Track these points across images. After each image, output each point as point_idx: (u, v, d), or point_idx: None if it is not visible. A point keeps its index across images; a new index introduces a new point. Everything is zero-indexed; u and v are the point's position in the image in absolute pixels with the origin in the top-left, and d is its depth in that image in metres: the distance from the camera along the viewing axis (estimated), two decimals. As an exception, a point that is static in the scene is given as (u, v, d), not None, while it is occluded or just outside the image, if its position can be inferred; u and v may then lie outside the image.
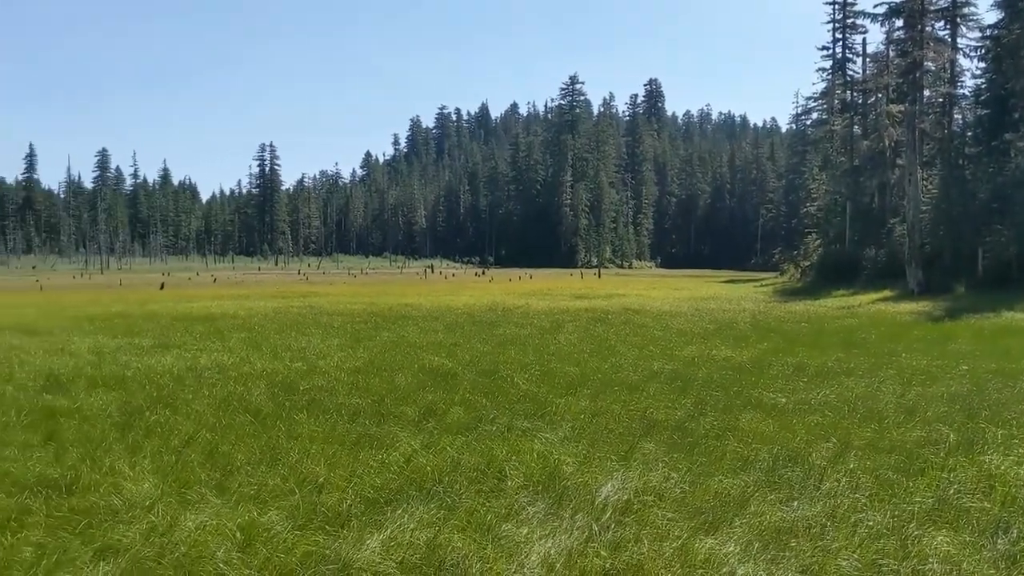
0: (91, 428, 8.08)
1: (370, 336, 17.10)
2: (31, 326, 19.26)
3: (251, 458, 6.96)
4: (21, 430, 7.97)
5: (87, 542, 5.03)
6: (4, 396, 9.72)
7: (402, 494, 6.03)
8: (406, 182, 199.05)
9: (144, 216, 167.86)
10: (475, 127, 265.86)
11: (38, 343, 15.61)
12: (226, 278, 74.85)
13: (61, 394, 9.96)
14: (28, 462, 6.69)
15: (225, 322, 20.53)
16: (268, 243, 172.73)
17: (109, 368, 12.16)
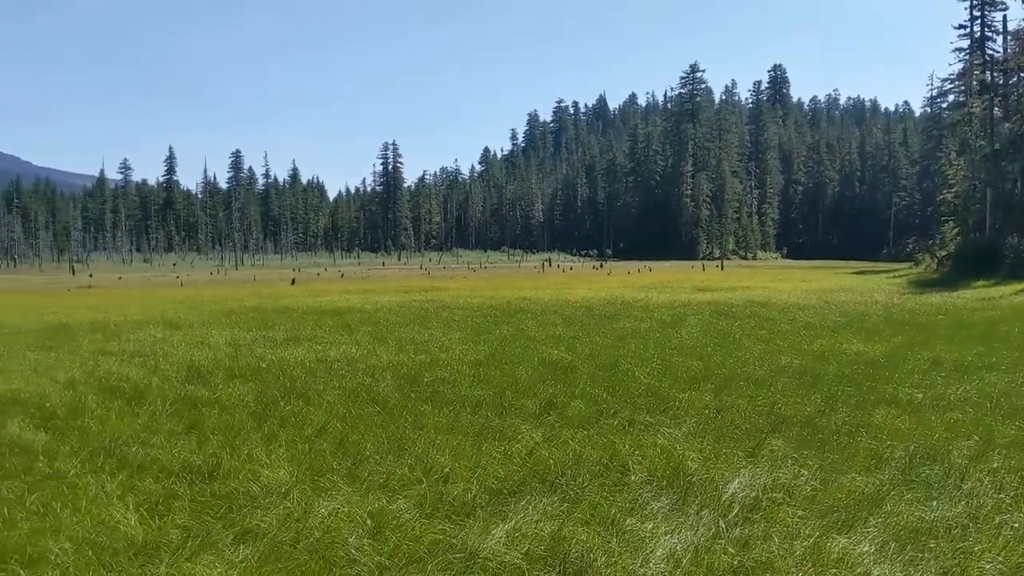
0: (230, 417, 8.48)
1: (490, 329, 17.29)
2: (173, 320, 20.36)
3: (379, 448, 7.15)
4: (167, 419, 8.44)
5: (228, 526, 5.29)
6: (151, 387, 10.30)
7: (525, 486, 6.08)
8: (524, 176, 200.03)
9: (275, 214, 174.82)
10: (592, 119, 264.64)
11: (180, 336, 16.48)
12: (352, 273, 77.17)
13: (202, 385, 10.48)
14: (174, 449, 7.08)
15: (352, 316, 21.17)
16: (391, 239, 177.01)
17: (245, 360, 12.72)
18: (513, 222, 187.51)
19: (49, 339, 16.17)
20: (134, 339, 15.93)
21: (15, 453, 7.04)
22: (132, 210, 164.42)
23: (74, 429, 7.98)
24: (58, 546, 4.86)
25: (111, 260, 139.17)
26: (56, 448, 7.19)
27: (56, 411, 8.81)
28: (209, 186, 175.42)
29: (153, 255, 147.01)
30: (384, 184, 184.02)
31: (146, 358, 13.15)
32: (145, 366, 12.21)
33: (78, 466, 6.61)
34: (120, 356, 13.47)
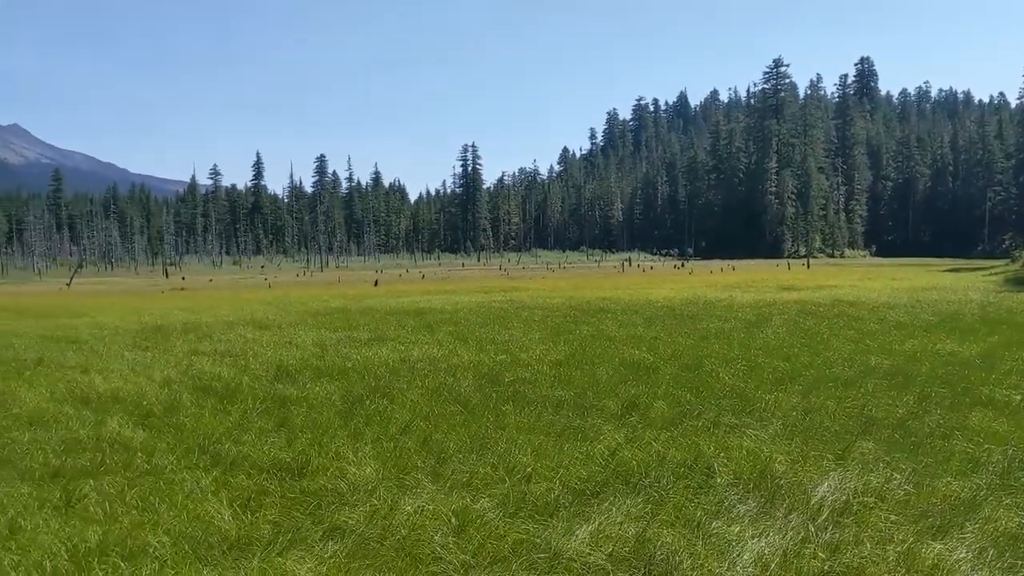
0: (317, 415, 8.67)
1: (570, 329, 17.26)
2: (262, 321, 20.93)
3: (462, 446, 7.22)
4: (257, 417, 8.68)
5: (317, 522, 5.41)
6: (242, 386, 10.60)
7: (608, 487, 6.05)
8: (603, 176, 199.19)
9: (358, 217, 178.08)
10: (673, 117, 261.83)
11: (269, 336, 16.93)
12: (433, 274, 78.05)
13: (290, 384, 10.75)
14: (264, 446, 7.28)
15: (433, 316, 21.41)
16: (471, 240, 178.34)
17: (331, 360, 12.99)
18: (592, 222, 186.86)
19: (145, 339, 16.80)
20: (225, 339, 16.42)
21: (116, 449, 7.34)
22: (222, 214, 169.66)
23: (170, 426, 8.27)
24: (156, 540, 5.05)
25: (202, 263, 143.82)
26: (154, 445, 7.47)
27: (153, 409, 9.15)
28: (295, 190, 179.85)
29: (242, 257, 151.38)
30: (464, 186, 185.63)
31: (237, 358, 13.55)
32: (236, 366, 12.58)
33: (174, 462, 6.85)
34: (212, 356, 13.90)
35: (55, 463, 6.87)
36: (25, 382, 11.15)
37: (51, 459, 7.02)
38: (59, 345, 15.94)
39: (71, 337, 17.40)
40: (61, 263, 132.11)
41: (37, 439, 7.77)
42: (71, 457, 7.07)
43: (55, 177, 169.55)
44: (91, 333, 18.16)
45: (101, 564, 4.69)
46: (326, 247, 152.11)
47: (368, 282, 56.32)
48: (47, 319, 23.41)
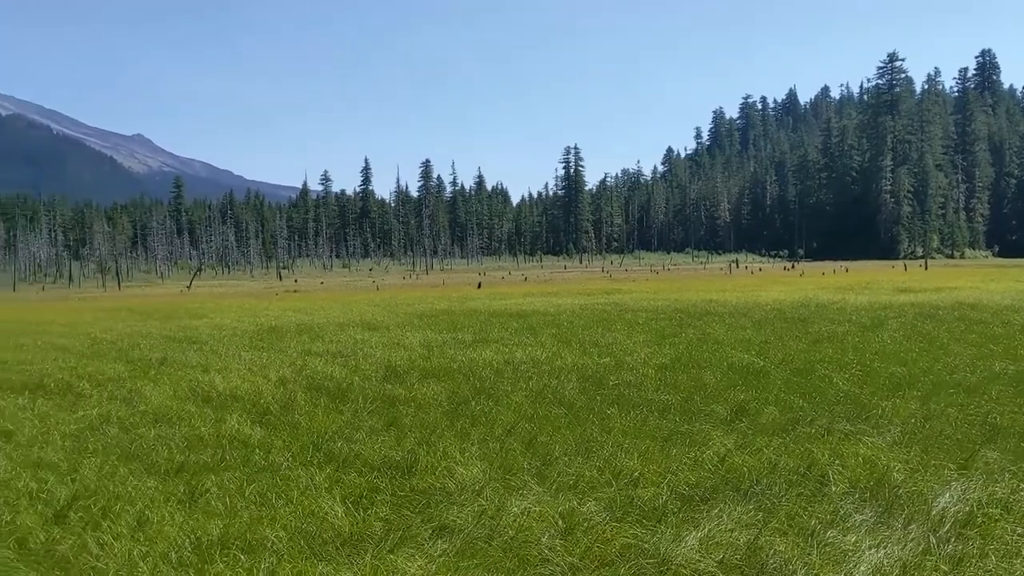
0: (425, 415, 8.82)
1: (675, 332, 17.04)
2: (371, 322, 21.43)
3: (567, 449, 7.22)
4: (367, 416, 8.89)
5: (426, 520, 5.50)
6: (352, 385, 10.88)
7: (717, 493, 5.95)
8: (708, 175, 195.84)
9: (462, 220, 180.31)
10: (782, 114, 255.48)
11: (378, 337, 17.32)
12: (535, 276, 78.33)
13: (399, 384, 10.97)
14: (374, 445, 7.45)
15: (536, 318, 21.48)
16: (573, 242, 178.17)
17: (437, 361, 13.19)
18: (697, 223, 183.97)
19: (261, 340, 17.44)
20: (336, 340, 16.89)
21: (235, 446, 7.64)
22: (332, 219, 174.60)
23: (285, 424, 8.56)
24: (274, 534, 5.23)
25: (313, 265, 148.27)
26: (270, 442, 7.75)
27: (269, 407, 9.49)
28: (401, 195, 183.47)
29: (351, 260, 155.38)
30: (565, 188, 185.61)
31: (347, 358, 13.91)
32: (347, 366, 12.92)
33: (290, 459, 7.09)
34: (324, 356, 14.31)
35: (179, 459, 7.20)
36: (151, 381, 11.73)
37: (175, 455, 7.36)
38: (181, 345, 16.70)
39: (192, 338, 18.21)
40: (181, 266, 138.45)
41: (162, 435, 8.16)
42: (194, 453, 7.39)
43: (176, 184, 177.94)
44: (211, 334, 18.96)
45: (223, 556, 4.89)
46: (431, 250, 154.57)
47: (471, 284, 56.96)
48: (170, 320, 24.56)
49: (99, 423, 8.84)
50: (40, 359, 14.60)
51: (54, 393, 10.94)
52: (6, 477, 6.69)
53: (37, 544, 5.16)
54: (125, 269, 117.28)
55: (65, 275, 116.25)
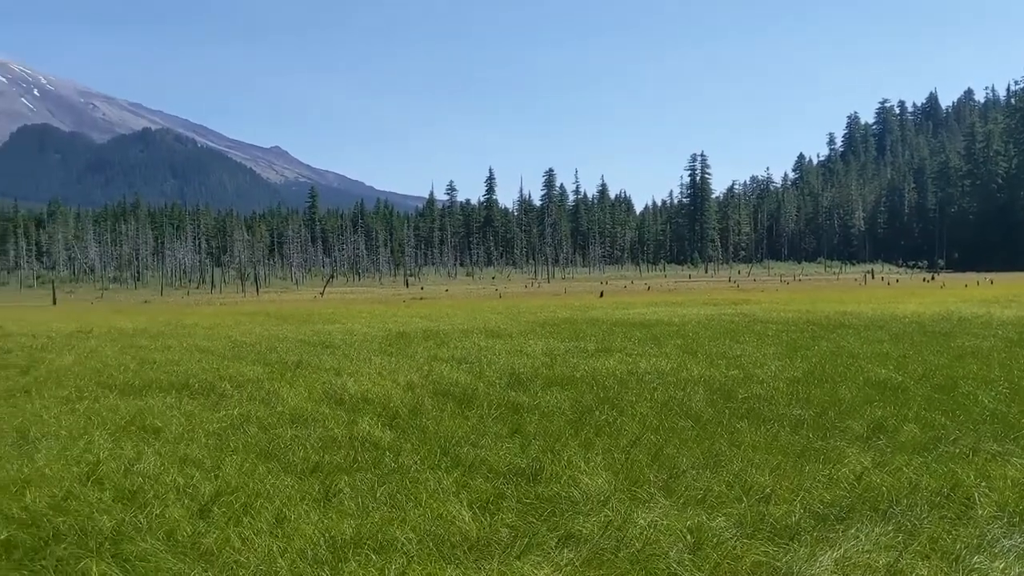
0: (549, 423, 8.84)
1: (807, 345, 16.49)
2: (495, 330, 21.67)
3: (694, 462, 7.09)
4: (492, 422, 8.98)
5: (552, 528, 5.51)
6: (477, 391, 11.02)
7: (854, 512, 5.72)
8: (842, 182, 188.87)
9: (584, 229, 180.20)
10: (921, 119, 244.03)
11: (501, 344, 17.49)
12: (659, 286, 77.41)
13: (522, 391, 11.04)
14: (500, 451, 7.52)
15: (660, 328, 21.21)
16: (698, 251, 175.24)
17: (560, 369, 13.21)
18: (830, 231, 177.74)
19: (390, 345, 17.89)
20: (461, 347, 17.15)
21: (366, 448, 7.86)
22: (456, 228, 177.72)
23: (414, 428, 8.75)
24: (404, 535, 5.35)
25: (438, 273, 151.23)
26: (400, 445, 7.93)
27: (399, 411, 9.72)
28: (524, 204, 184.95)
29: (474, 269, 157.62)
30: (691, 196, 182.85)
31: (472, 364, 14.10)
32: (472, 372, 13.10)
33: (418, 462, 7.23)
34: (450, 362, 14.56)
35: (314, 459, 7.46)
36: (287, 383, 12.21)
37: (311, 455, 7.63)
38: (315, 349, 17.33)
39: (326, 342, 18.87)
40: (315, 273, 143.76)
41: (298, 436, 8.47)
42: (328, 454, 7.65)
43: (311, 195, 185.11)
44: (343, 338, 19.60)
45: (355, 555, 5.03)
46: (552, 258, 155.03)
47: (593, 293, 56.78)
48: (304, 325, 25.52)
49: (240, 422, 9.26)
50: (186, 360, 15.43)
51: (198, 393, 11.53)
52: (156, 471, 7.08)
53: (184, 537, 5.44)
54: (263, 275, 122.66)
55: (208, 280, 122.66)
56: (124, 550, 5.21)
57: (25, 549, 5.33)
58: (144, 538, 5.38)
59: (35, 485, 6.65)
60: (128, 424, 9.22)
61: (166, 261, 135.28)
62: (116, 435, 8.66)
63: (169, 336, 21.41)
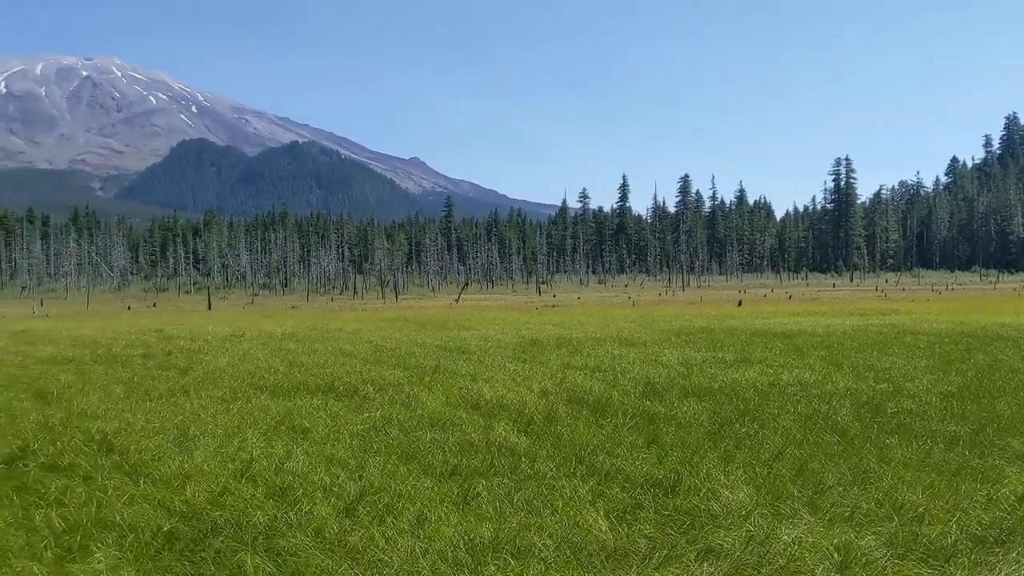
0: (686, 434, 8.71)
1: (961, 358, 15.58)
2: (628, 338, 21.51)
3: (841, 479, 6.83)
4: (628, 431, 8.92)
5: (691, 541, 5.42)
6: (612, 400, 10.97)
7: (1015, 535, 5.38)
8: (1000, 187, 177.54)
9: (720, 235, 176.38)
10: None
11: (635, 353, 17.34)
12: (800, 295, 74.86)
13: (658, 401, 10.91)
14: (636, 461, 7.46)
15: (803, 339, 20.51)
16: (842, 259, 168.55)
17: (697, 379, 12.98)
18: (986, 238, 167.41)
19: (523, 352, 18.05)
20: (594, 355, 17.11)
21: (503, 453, 7.96)
22: (589, 235, 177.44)
23: (549, 435, 8.80)
24: (541, 541, 5.39)
25: (570, 281, 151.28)
26: (535, 451, 7.99)
27: (533, 418, 9.80)
28: (658, 210, 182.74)
29: (606, 276, 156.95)
30: (835, 201, 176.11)
31: (606, 373, 14.05)
32: (605, 380, 13.05)
33: (554, 469, 7.27)
34: (583, 370, 14.56)
35: (453, 462, 7.62)
36: (425, 387, 12.51)
37: (449, 458, 7.80)
38: (452, 355, 17.67)
39: (461, 348, 19.23)
40: (450, 280, 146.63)
41: (437, 439, 8.67)
42: (466, 457, 7.79)
43: (447, 204, 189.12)
44: (478, 345, 19.91)
45: (494, 559, 5.10)
46: (687, 266, 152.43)
47: (731, 302, 55.47)
48: (441, 331, 26.08)
49: (382, 425, 9.56)
50: (331, 363, 16.04)
51: (343, 395, 11.97)
52: (304, 470, 7.40)
53: (331, 534, 5.66)
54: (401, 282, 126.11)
55: (350, 287, 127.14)
56: (276, 544, 5.47)
57: (186, 540, 5.67)
58: (294, 534, 5.63)
59: (194, 480, 7.07)
60: (278, 424, 9.68)
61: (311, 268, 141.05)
62: (267, 434, 9.10)
63: (315, 340, 22.32)
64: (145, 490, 6.84)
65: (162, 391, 12.47)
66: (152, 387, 12.93)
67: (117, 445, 8.47)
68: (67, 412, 10.55)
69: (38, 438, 8.86)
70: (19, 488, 7.00)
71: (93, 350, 19.61)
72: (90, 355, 18.44)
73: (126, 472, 7.44)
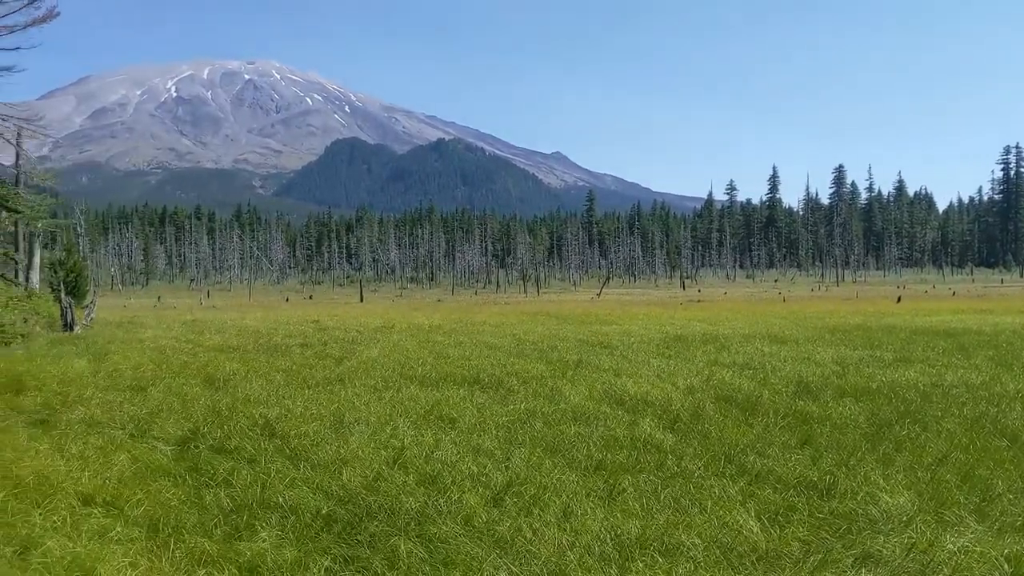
0: (841, 436, 8.37)
1: None
2: (779, 335, 20.84)
3: (1011, 486, 6.41)
4: (779, 431, 8.66)
5: (847, 546, 5.22)
6: (762, 399, 10.67)
7: None
8: None
9: (878, 229, 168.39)
10: None
11: (787, 351, 16.79)
12: (965, 291, 70.50)
13: (811, 401, 10.53)
14: (788, 462, 7.23)
15: (968, 338, 19.29)
16: (1011, 253, 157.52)
17: (853, 379, 12.44)
18: None
19: (667, 348, 17.80)
20: (742, 352, 16.68)
21: (648, 450, 7.89)
22: (736, 229, 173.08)
23: (695, 433, 8.65)
24: (689, 540, 5.31)
25: (716, 276, 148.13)
26: (682, 449, 7.88)
27: (679, 415, 9.65)
28: (811, 203, 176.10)
29: (755, 271, 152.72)
30: (1004, 191, 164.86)
31: (755, 371, 13.68)
32: (755, 379, 12.70)
33: (701, 468, 7.15)
34: (731, 367, 14.22)
35: (597, 457, 7.61)
36: (568, 381, 12.55)
37: (593, 452, 7.79)
38: (594, 349, 17.65)
39: (603, 342, 19.16)
40: (592, 275, 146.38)
41: (581, 433, 8.68)
42: (610, 453, 7.77)
43: (589, 198, 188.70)
44: (620, 340, 19.79)
45: (641, 555, 5.07)
46: (842, 260, 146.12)
47: (888, 298, 52.82)
48: (582, 325, 26.08)
49: (526, 417, 9.66)
50: (476, 356, 16.34)
51: (488, 387, 12.17)
52: (453, 459, 7.57)
53: (480, 523, 5.77)
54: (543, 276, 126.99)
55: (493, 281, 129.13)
56: (427, 531, 5.63)
57: (343, 523, 5.91)
58: (445, 521, 5.78)
59: (350, 465, 7.37)
60: (427, 413, 9.94)
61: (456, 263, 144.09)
62: (417, 423, 9.37)
63: (460, 333, 22.78)
64: (304, 473, 7.18)
65: (319, 379, 13.03)
66: (309, 375, 13.54)
67: (278, 430, 8.93)
68: (233, 398, 11.19)
69: (207, 422, 9.44)
70: (191, 468, 7.48)
71: (255, 339, 20.73)
72: (253, 344, 19.50)
73: (287, 456, 7.84)
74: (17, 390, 11.68)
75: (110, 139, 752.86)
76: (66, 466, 7.34)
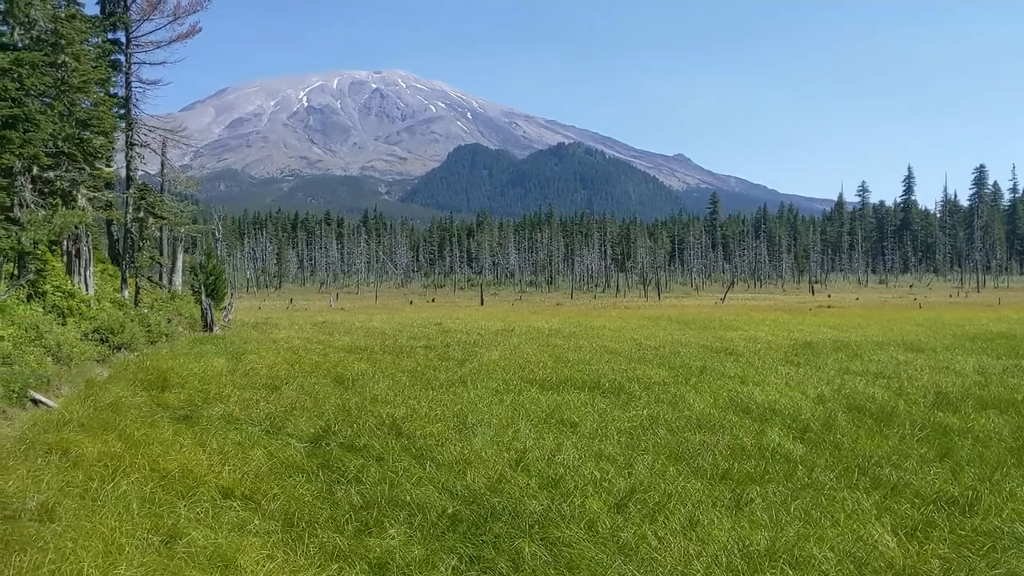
0: (984, 450, 7.94)
1: None
2: (914, 343, 19.91)
3: None
4: (916, 444, 8.28)
5: (991, 565, 4.95)
6: (897, 409, 10.22)
7: None
8: None
9: (1022, 232, 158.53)
10: None
11: (923, 360, 16.03)
12: (1123, 298, 65.50)
13: (951, 412, 10.02)
14: (927, 476, 6.91)
15: None
16: None
17: (996, 390, 11.77)
18: None
19: (796, 355, 17.27)
20: (876, 360, 16.03)
21: (776, 460, 7.68)
22: (868, 232, 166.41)
23: (827, 443, 8.36)
24: (821, 554, 5.14)
25: (847, 280, 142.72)
26: (812, 460, 7.63)
27: (809, 424, 9.35)
28: (949, 204, 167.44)
29: (888, 275, 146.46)
30: None
31: (890, 380, 13.11)
32: (889, 388, 12.18)
33: (833, 480, 6.91)
34: (864, 376, 13.68)
35: (723, 465, 7.46)
36: (691, 388, 12.35)
37: (719, 461, 7.64)
38: (718, 355, 17.30)
39: (728, 348, 18.75)
40: (715, 279, 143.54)
41: (706, 441, 8.53)
42: (737, 462, 7.60)
43: (712, 200, 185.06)
44: (745, 346, 19.33)
45: (771, 568, 4.94)
46: (983, 265, 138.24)
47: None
48: (706, 331, 25.60)
49: (648, 423, 9.56)
50: (596, 360, 16.28)
51: (609, 392, 12.11)
52: (575, 464, 7.57)
53: (604, 529, 5.75)
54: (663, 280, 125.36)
55: (612, 284, 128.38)
56: (551, 534, 5.65)
57: (468, 523, 6.00)
58: (568, 525, 5.79)
59: (473, 466, 7.47)
60: (548, 417, 9.98)
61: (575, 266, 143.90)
62: (538, 426, 9.41)
63: (580, 337, 22.75)
64: (430, 473, 7.33)
65: (442, 381, 13.27)
66: (433, 376, 13.81)
67: (405, 429, 9.14)
68: (361, 397, 11.53)
69: (337, 420, 9.76)
70: (323, 465, 7.75)
71: (382, 341, 21.29)
72: (379, 345, 20.04)
73: (413, 455, 8.02)
74: (162, 387, 12.38)
75: (246, 148, 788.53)
76: (207, 460, 7.73)
